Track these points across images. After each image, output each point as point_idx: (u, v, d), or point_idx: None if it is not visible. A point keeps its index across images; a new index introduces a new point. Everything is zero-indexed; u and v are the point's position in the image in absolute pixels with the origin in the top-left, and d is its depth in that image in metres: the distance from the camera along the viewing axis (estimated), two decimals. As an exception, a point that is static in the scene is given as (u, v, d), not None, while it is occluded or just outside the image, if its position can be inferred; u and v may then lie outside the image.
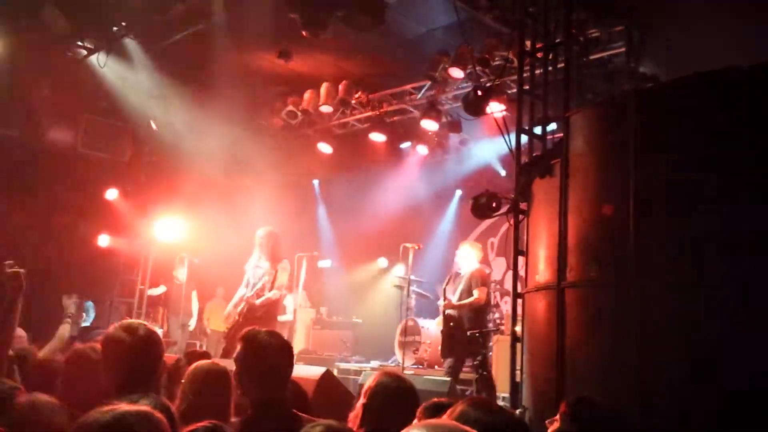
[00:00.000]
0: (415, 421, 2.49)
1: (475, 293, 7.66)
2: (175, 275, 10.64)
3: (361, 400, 2.85)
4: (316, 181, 13.24)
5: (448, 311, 7.76)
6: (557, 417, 3.20)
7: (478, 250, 8.26)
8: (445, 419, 1.96)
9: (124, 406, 1.77)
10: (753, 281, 3.84)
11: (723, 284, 3.95)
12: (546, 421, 3.36)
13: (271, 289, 7.40)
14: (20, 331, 5.09)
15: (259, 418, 2.81)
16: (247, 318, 7.09)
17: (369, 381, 2.95)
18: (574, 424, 3.13)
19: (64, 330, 5.93)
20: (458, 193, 12.11)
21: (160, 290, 10.89)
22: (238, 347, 2.96)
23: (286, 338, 3.17)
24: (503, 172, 10.97)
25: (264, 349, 2.91)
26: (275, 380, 2.90)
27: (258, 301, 7.29)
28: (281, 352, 2.97)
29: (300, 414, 2.80)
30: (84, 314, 5.83)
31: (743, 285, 3.88)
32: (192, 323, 10.86)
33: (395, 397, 2.82)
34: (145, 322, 2.87)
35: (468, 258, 8.01)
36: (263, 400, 2.85)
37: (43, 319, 8.14)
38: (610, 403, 3.61)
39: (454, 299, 7.78)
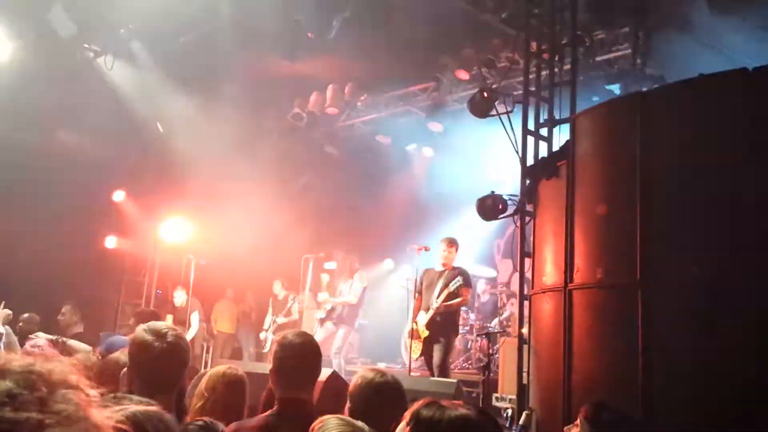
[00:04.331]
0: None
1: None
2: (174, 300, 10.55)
3: (347, 404, 2.86)
4: (322, 183, 13.25)
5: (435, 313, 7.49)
6: (577, 422, 3.20)
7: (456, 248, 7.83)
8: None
9: (133, 406, 1.78)
10: (759, 283, 3.84)
11: (730, 286, 3.94)
12: (565, 428, 3.36)
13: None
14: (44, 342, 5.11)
15: (281, 415, 2.86)
16: None
17: (353, 381, 2.97)
18: (593, 429, 3.13)
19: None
20: (464, 194, 12.08)
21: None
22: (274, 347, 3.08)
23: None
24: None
25: (290, 350, 2.97)
26: (298, 380, 2.95)
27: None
28: (306, 353, 3.01)
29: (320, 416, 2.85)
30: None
31: (750, 287, 3.88)
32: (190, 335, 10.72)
33: (378, 393, 2.82)
34: (175, 327, 2.91)
35: (450, 255, 7.76)
36: (287, 399, 2.91)
37: (50, 319, 8.20)
38: (620, 406, 3.61)
39: (433, 297, 7.52)
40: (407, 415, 2.01)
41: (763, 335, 3.75)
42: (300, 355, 2.98)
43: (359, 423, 2.13)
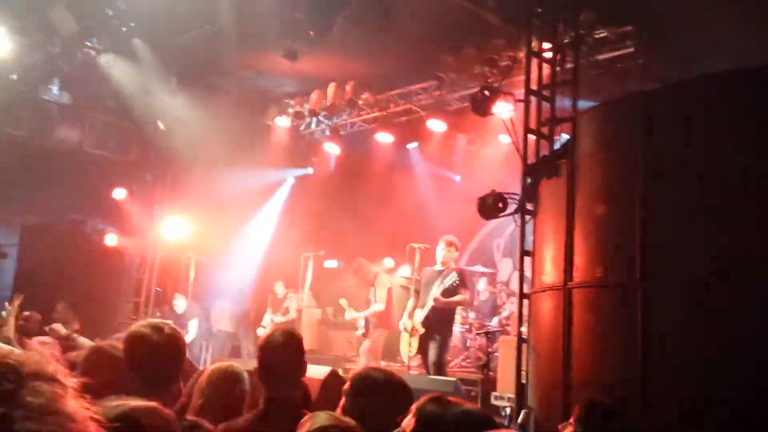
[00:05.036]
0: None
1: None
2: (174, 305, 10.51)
3: (342, 401, 2.80)
4: (323, 182, 13.25)
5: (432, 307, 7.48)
6: (571, 421, 3.19)
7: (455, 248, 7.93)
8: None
9: (132, 402, 1.77)
10: (760, 282, 3.83)
11: (730, 285, 3.93)
12: (559, 425, 3.34)
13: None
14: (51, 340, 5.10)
15: (268, 414, 2.85)
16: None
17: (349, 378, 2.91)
18: (587, 428, 3.11)
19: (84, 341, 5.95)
20: (464, 193, 12.08)
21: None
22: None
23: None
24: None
25: (272, 349, 2.96)
26: (283, 378, 2.94)
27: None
28: (289, 351, 3.00)
29: (307, 412, 2.82)
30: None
31: (750, 286, 3.87)
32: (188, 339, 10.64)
33: (375, 391, 2.77)
34: (170, 322, 2.89)
35: (449, 254, 7.76)
36: (273, 398, 2.90)
37: (50, 317, 8.20)
38: (616, 405, 3.60)
39: (430, 295, 7.49)
40: (412, 408, 2.02)
41: (763, 334, 3.74)
42: (282, 354, 2.97)
43: (348, 419, 2.13)
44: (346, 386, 2.77)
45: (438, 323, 7.41)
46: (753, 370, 3.72)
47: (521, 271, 5.82)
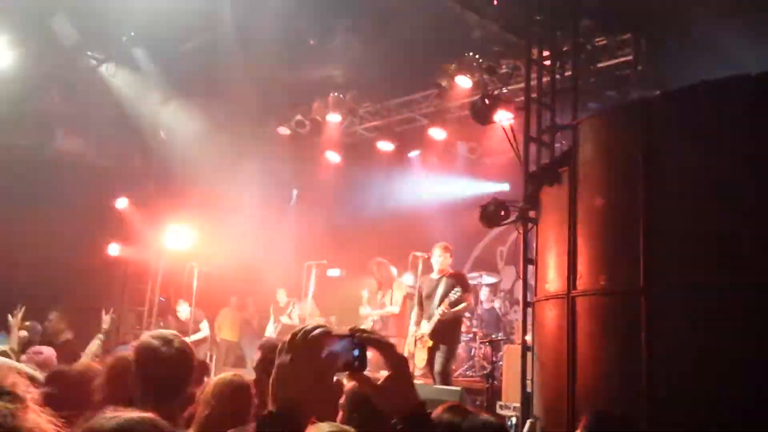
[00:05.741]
0: None
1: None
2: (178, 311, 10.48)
3: (340, 415, 2.76)
4: (324, 190, 13.27)
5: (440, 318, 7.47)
6: (578, 430, 3.17)
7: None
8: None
9: (128, 413, 1.77)
10: (763, 290, 3.82)
11: (733, 291, 3.92)
12: None
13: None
14: (48, 350, 5.08)
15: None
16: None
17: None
18: None
19: (94, 345, 5.97)
20: (466, 201, 12.07)
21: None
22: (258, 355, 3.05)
23: None
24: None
25: (265, 351, 2.96)
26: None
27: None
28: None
29: (314, 420, 2.81)
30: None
31: (753, 294, 3.86)
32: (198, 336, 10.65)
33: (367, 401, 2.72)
34: (178, 334, 2.90)
35: (444, 260, 7.73)
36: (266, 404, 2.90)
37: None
38: (621, 413, 3.59)
39: (434, 306, 7.50)
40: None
41: (767, 342, 3.73)
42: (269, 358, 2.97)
43: (351, 429, 2.12)
44: (342, 400, 2.75)
45: (445, 333, 7.40)
46: (759, 376, 3.70)
47: (524, 279, 5.82)
